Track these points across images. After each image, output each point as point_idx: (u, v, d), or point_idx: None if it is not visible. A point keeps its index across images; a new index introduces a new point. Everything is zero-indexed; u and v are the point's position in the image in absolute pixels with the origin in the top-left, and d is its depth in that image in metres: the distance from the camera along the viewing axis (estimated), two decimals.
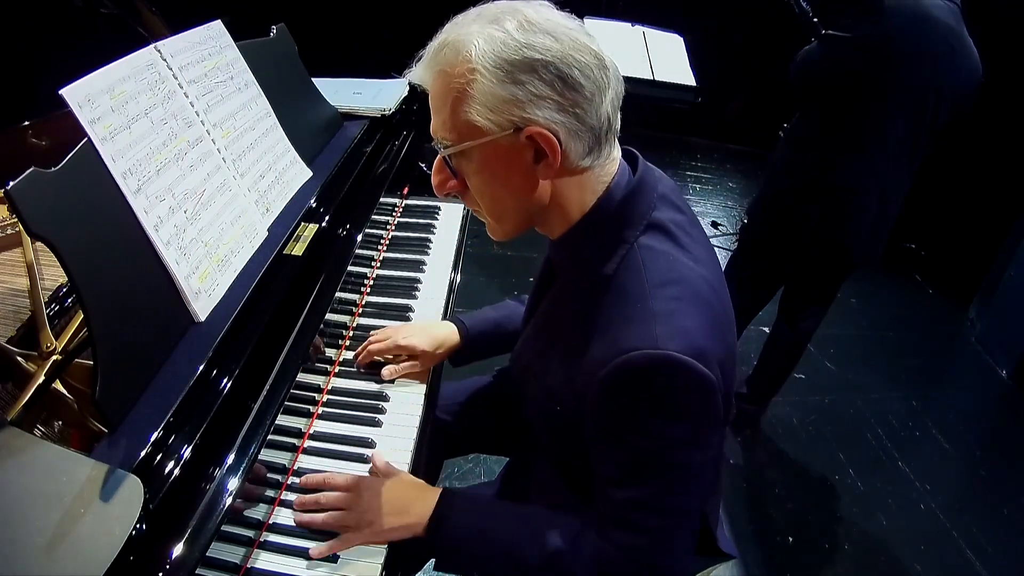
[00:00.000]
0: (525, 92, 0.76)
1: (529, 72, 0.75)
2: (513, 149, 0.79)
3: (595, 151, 0.82)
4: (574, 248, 0.88)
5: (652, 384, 0.78)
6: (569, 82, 0.76)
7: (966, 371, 3.04)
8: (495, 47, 0.76)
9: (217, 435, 0.85)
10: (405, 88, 1.77)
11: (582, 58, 0.76)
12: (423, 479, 1.03)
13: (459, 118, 0.79)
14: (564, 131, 0.78)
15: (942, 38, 1.72)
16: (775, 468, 2.32)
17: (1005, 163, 3.40)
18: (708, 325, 0.81)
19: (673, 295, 0.81)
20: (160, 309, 0.94)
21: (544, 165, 0.80)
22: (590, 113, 0.78)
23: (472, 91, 0.77)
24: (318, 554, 0.91)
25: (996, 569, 2.04)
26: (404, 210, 1.72)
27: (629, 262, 0.84)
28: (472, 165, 0.83)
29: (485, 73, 0.76)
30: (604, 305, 0.83)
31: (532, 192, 0.83)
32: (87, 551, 0.68)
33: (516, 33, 0.76)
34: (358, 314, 1.36)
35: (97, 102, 0.91)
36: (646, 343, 0.77)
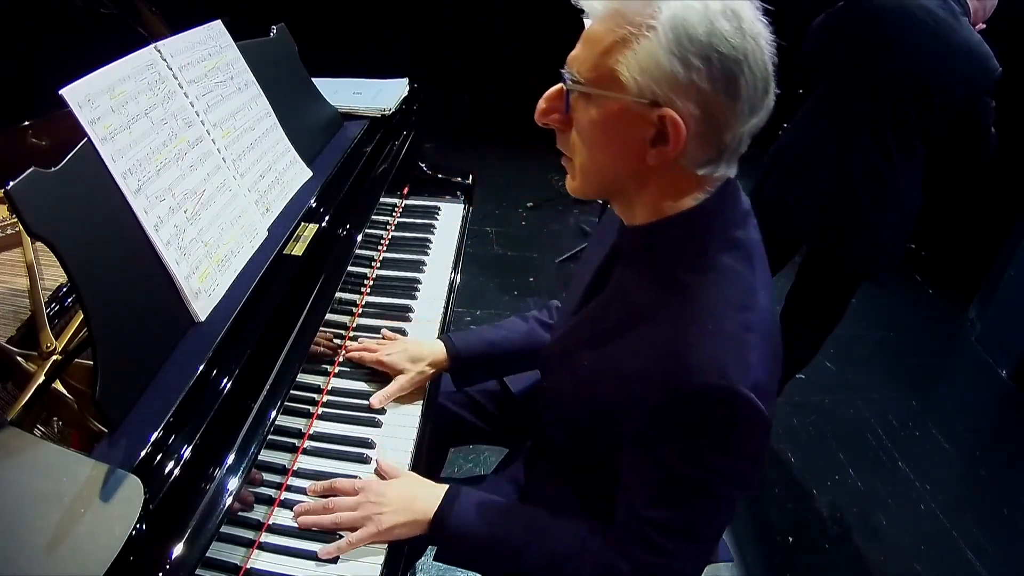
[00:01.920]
0: (686, 75, 0.70)
1: (702, 59, 0.70)
2: (638, 118, 0.74)
3: (711, 164, 0.77)
4: (653, 244, 0.83)
5: (715, 416, 0.76)
6: (732, 88, 0.71)
7: (966, 371, 3.04)
8: (687, 16, 0.70)
9: (217, 435, 0.85)
10: (405, 88, 1.77)
11: (756, 72, 0.72)
12: (424, 475, 1.03)
13: (607, 62, 0.73)
14: (696, 130, 0.73)
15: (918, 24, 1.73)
16: (775, 468, 2.32)
17: (1005, 163, 3.39)
18: (770, 360, 0.80)
19: (746, 324, 0.78)
20: (160, 309, 0.94)
21: (658, 151, 0.75)
22: (730, 127, 0.74)
23: (637, 45, 0.71)
24: (326, 554, 0.91)
25: (996, 569, 2.04)
26: (404, 210, 1.72)
27: (708, 277, 0.80)
28: (589, 111, 0.77)
29: (661, 36, 0.70)
30: (674, 315, 0.80)
31: (632, 168, 0.78)
32: (87, 551, 0.68)
33: (715, 15, 0.70)
34: (358, 314, 1.36)
35: (97, 102, 0.91)
36: (716, 373, 0.74)
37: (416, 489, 0.98)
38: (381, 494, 0.96)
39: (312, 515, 0.95)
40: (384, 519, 0.93)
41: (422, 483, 1.00)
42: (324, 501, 0.96)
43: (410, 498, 0.96)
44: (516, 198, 3.69)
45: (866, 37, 1.78)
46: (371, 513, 0.93)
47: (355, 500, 0.95)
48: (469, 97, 4.61)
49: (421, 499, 0.96)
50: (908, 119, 1.79)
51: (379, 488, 0.97)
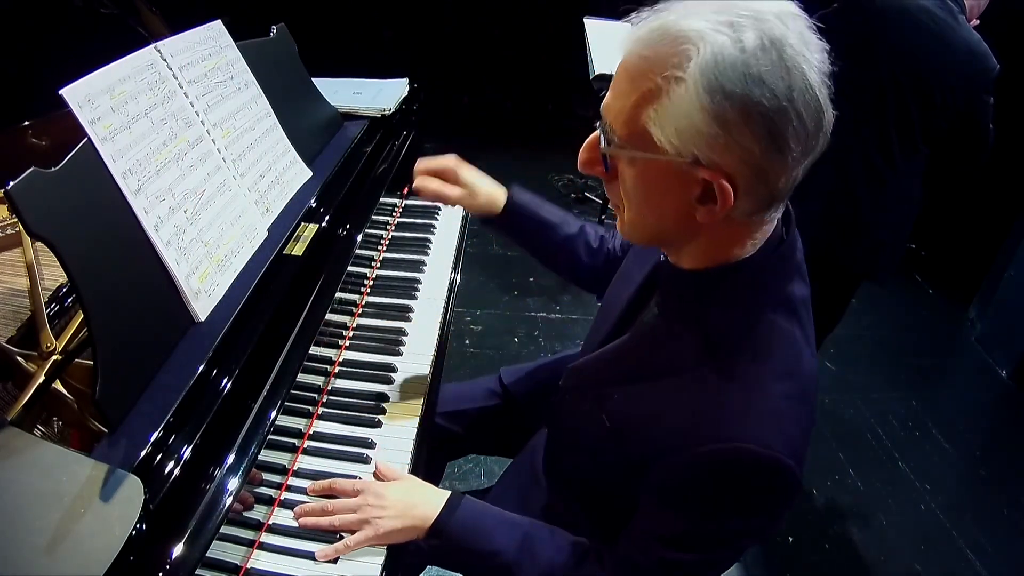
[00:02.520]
0: (726, 135, 0.64)
1: (742, 114, 0.63)
2: (681, 177, 0.68)
3: (764, 211, 0.72)
4: (699, 293, 0.78)
5: (750, 481, 0.74)
6: (779, 142, 0.64)
7: (966, 371, 3.04)
8: (719, 66, 0.62)
9: (217, 435, 0.85)
10: (405, 88, 1.77)
11: (804, 114, 0.64)
12: (424, 479, 1.03)
13: (638, 118, 0.67)
14: (744, 186, 0.67)
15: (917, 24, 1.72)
16: None
17: (1005, 163, 3.39)
18: (808, 427, 0.78)
19: (790, 392, 0.75)
20: (160, 309, 0.94)
21: (706, 209, 0.69)
22: (780, 176, 0.67)
23: (667, 100, 0.65)
24: (324, 556, 0.91)
25: (996, 569, 2.04)
26: (404, 210, 1.72)
27: (756, 338, 0.76)
28: (629, 170, 0.72)
29: (692, 90, 0.63)
30: (720, 370, 0.76)
31: (681, 224, 0.73)
32: (87, 551, 0.68)
33: (751, 56, 0.62)
34: (358, 314, 1.36)
35: (97, 102, 0.91)
36: (761, 441, 0.72)
37: (416, 494, 0.97)
38: (381, 497, 0.95)
39: (312, 516, 0.94)
40: (383, 523, 0.93)
41: (423, 488, 0.99)
42: (324, 503, 0.96)
43: (410, 503, 0.95)
44: None
45: (865, 38, 1.77)
46: (370, 516, 0.93)
47: (355, 502, 0.95)
48: (469, 97, 4.62)
49: (421, 505, 0.95)
50: (911, 120, 1.79)
51: (379, 491, 0.96)
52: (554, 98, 4.62)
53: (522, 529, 0.95)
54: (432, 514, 0.94)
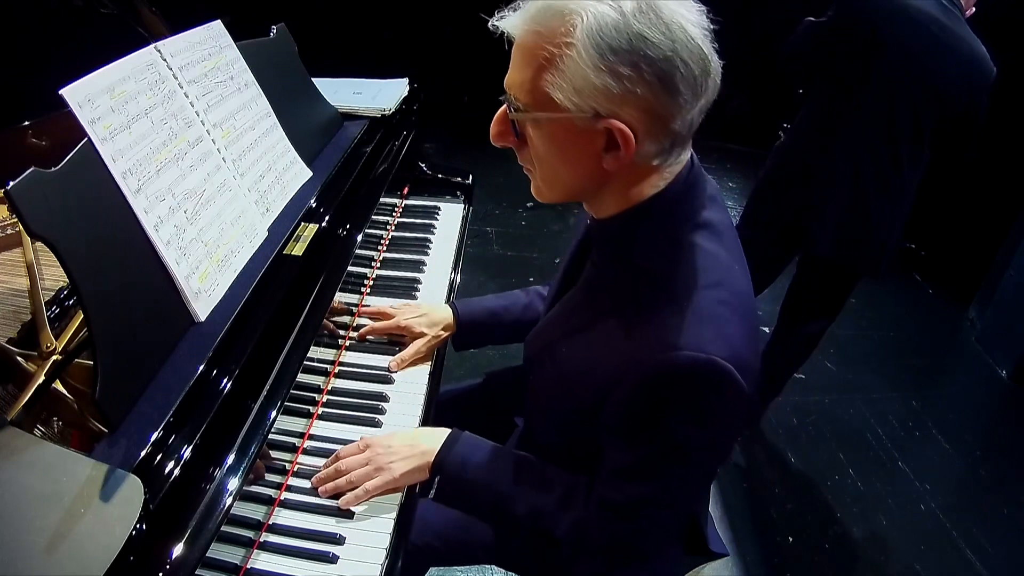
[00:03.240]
0: (620, 86, 0.70)
1: (631, 66, 0.70)
2: (585, 132, 0.75)
3: (668, 153, 0.78)
4: (622, 234, 0.85)
5: (692, 387, 0.77)
6: (669, 86, 0.71)
7: (966, 371, 3.04)
8: (603, 29, 0.69)
9: (217, 435, 0.85)
10: (405, 88, 1.77)
11: (690, 61, 0.71)
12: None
13: (539, 86, 0.74)
14: (644, 130, 0.74)
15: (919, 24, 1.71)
16: (775, 468, 2.32)
17: (1005, 163, 3.40)
18: (748, 334, 0.81)
19: (721, 299, 0.79)
20: (160, 309, 0.94)
21: (612, 156, 0.76)
22: (676, 118, 0.74)
23: (563, 65, 0.72)
24: (346, 504, 0.97)
25: (996, 569, 2.04)
26: (404, 210, 1.72)
27: (679, 258, 0.81)
28: (537, 133, 0.79)
29: (583, 53, 0.70)
30: (648, 298, 0.81)
31: (591, 174, 0.80)
32: (87, 551, 0.68)
33: (631, 17, 0.69)
34: (358, 314, 1.36)
35: (97, 102, 0.91)
36: (692, 345, 0.75)
37: (419, 435, 1.04)
38: (387, 445, 1.01)
39: (329, 481, 0.99)
40: (395, 466, 0.99)
41: (424, 430, 1.07)
42: (335, 465, 1.01)
43: (415, 444, 1.01)
44: (516, 198, 3.69)
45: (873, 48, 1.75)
46: (382, 463, 0.99)
47: (365, 456, 1.00)
48: (469, 97, 4.62)
49: (425, 442, 1.01)
50: (922, 129, 1.80)
51: (384, 441, 1.02)
52: None
53: (517, 460, 1.00)
54: (435, 449, 0.99)
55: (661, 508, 0.86)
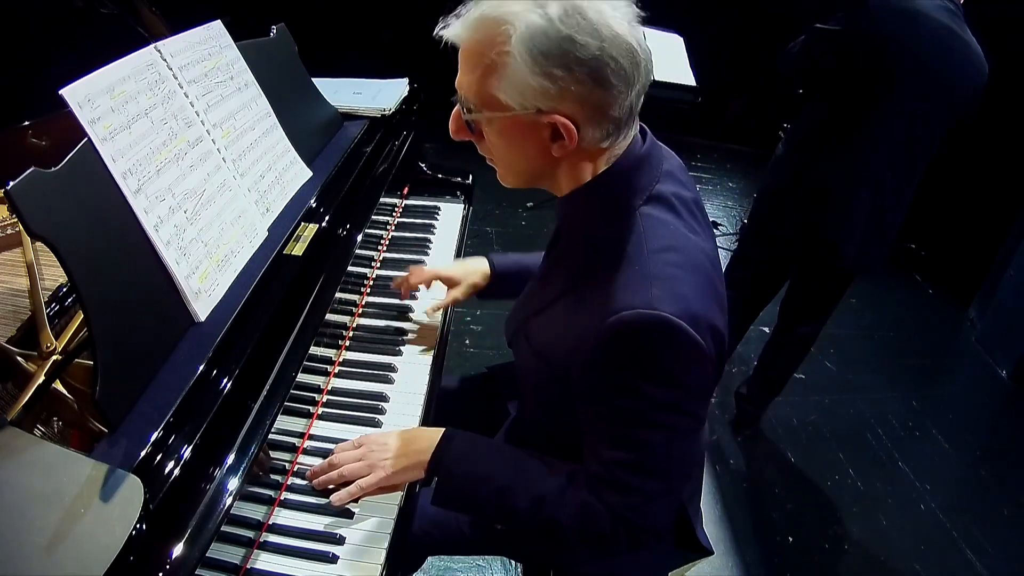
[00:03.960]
0: (556, 86, 0.77)
1: (563, 67, 0.76)
2: (532, 126, 0.81)
3: (613, 136, 0.84)
4: (578, 209, 0.91)
5: (642, 344, 0.80)
6: (601, 81, 0.77)
7: (966, 371, 3.04)
8: (534, 35, 0.75)
9: (217, 435, 0.85)
10: (405, 88, 1.77)
11: (619, 56, 0.76)
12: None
13: (485, 88, 0.81)
14: (585, 120, 0.80)
15: (936, 36, 1.70)
16: (775, 468, 2.32)
17: (1005, 163, 3.40)
18: (702, 293, 0.84)
19: (671, 261, 0.83)
20: (160, 309, 0.94)
21: (559, 145, 0.82)
22: (614, 107, 0.80)
23: (503, 71, 0.78)
24: (339, 500, 0.97)
25: (996, 569, 2.04)
26: (404, 210, 1.72)
27: (630, 227, 0.86)
28: (490, 129, 0.86)
29: (519, 59, 0.76)
30: (602, 267, 0.85)
31: (544, 161, 0.86)
32: (87, 551, 0.68)
33: (559, 22, 0.75)
34: (358, 314, 1.36)
35: (97, 102, 0.91)
36: (640, 303, 0.79)
37: (415, 434, 1.04)
38: (383, 443, 1.01)
39: (322, 475, 1.00)
40: (390, 464, 0.99)
41: (419, 429, 1.08)
42: (329, 459, 1.01)
43: (410, 443, 1.01)
44: (516, 198, 3.68)
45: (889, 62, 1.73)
46: (376, 460, 0.99)
47: (359, 452, 1.01)
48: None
49: (421, 441, 1.01)
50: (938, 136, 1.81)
51: (380, 438, 1.02)
52: None
53: (515, 454, 1.00)
54: (432, 445, 0.99)
55: (645, 476, 0.88)
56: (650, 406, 0.83)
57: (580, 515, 0.91)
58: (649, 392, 0.82)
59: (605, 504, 0.89)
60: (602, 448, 0.89)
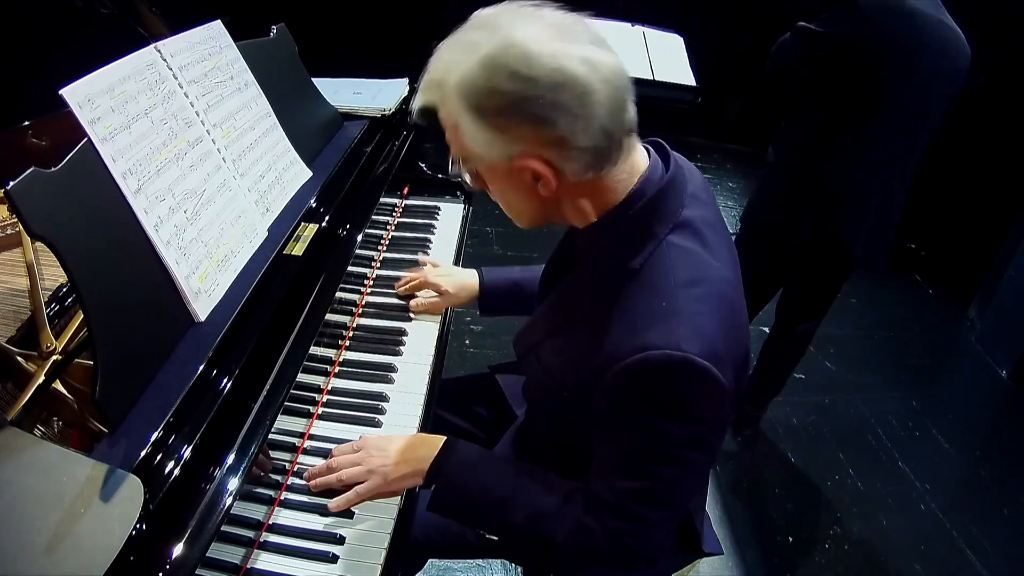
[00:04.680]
0: (507, 136, 0.76)
1: (502, 116, 0.75)
2: (511, 172, 0.81)
3: (597, 165, 0.80)
4: (601, 239, 0.88)
5: (668, 384, 0.78)
6: (546, 121, 0.74)
7: (966, 371, 3.04)
8: (466, 90, 0.75)
9: (217, 435, 0.85)
10: (405, 88, 1.77)
11: (557, 95, 0.73)
12: None
13: (460, 143, 0.81)
14: (555, 157, 0.77)
15: (927, 30, 1.70)
16: (775, 468, 2.32)
17: (1005, 163, 3.40)
18: (727, 328, 0.82)
19: (697, 295, 0.81)
20: (160, 309, 0.94)
21: (542, 185, 0.81)
22: (579, 138, 0.76)
23: (462, 130, 0.79)
24: (336, 506, 0.96)
25: (996, 569, 2.04)
26: (404, 210, 1.72)
27: (656, 258, 0.83)
28: (485, 178, 0.86)
29: (465, 117, 0.77)
30: (628, 298, 0.83)
31: (539, 201, 0.84)
32: (87, 551, 0.68)
33: (482, 69, 0.73)
34: (358, 314, 1.36)
35: (97, 102, 0.91)
36: (668, 343, 0.77)
37: (416, 441, 1.02)
38: (383, 448, 0.99)
39: (320, 477, 0.98)
40: (389, 471, 0.97)
41: (420, 436, 1.05)
42: (327, 461, 1.00)
43: (411, 450, 0.99)
44: None
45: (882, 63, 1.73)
46: (376, 466, 0.97)
47: (358, 456, 0.99)
48: None
49: (421, 449, 0.99)
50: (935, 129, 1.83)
51: (380, 443, 1.01)
52: None
53: (515, 468, 0.99)
54: (432, 454, 0.98)
55: (652, 506, 0.87)
56: (668, 442, 0.82)
57: (576, 534, 0.90)
58: (669, 430, 0.81)
59: (604, 527, 0.88)
60: (612, 476, 0.87)
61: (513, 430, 1.24)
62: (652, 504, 0.87)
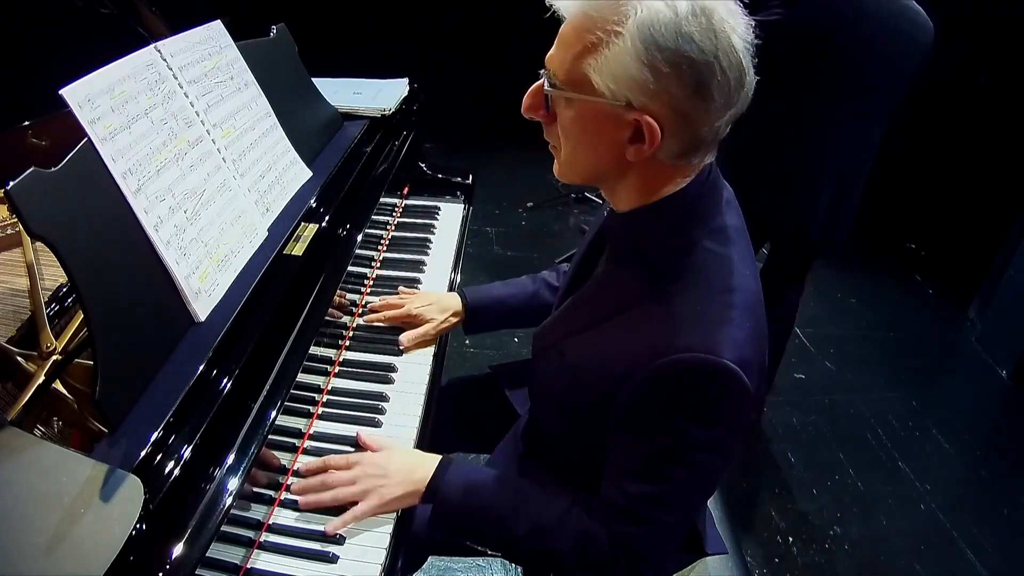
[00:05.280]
0: (656, 83, 0.72)
1: (672, 64, 0.71)
2: (614, 119, 0.76)
3: (689, 156, 0.79)
4: (638, 229, 0.86)
5: (700, 387, 0.78)
6: (703, 90, 0.73)
7: (966, 371, 3.03)
8: (654, 24, 0.70)
9: (217, 435, 0.85)
10: (405, 88, 1.77)
11: (728, 71, 0.72)
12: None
13: (579, 66, 0.76)
14: (670, 128, 0.75)
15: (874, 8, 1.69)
16: (775, 468, 2.32)
17: (1005, 163, 3.40)
18: (753, 337, 0.82)
19: (730, 302, 0.81)
20: (160, 309, 0.94)
21: (636, 148, 0.77)
22: (704, 123, 0.75)
23: (607, 51, 0.73)
24: (334, 529, 0.93)
25: (996, 569, 2.03)
26: (404, 210, 1.72)
27: (693, 261, 0.83)
28: (568, 111, 0.80)
29: (629, 44, 0.71)
30: (663, 298, 0.82)
31: (612, 161, 0.81)
32: (87, 551, 0.68)
33: (683, 19, 0.70)
34: (358, 314, 1.36)
35: (97, 102, 0.91)
36: (704, 346, 0.77)
37: (412, 460, 1.01)
38: (380, 467, 0.98)
39: (312, 494, 0.96)
40: (385, 491, 0.95)
41: (416, 453, 1.04)
42: (321, 477, 0.98)
43: (407, 469, 0.98)
44: (516, 198, 3.68)
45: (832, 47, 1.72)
46: (372, 486, 0.96)
47: (352, 474, 0.97)
48: (469, 97, 4.62)
49: (418, 469, 0.98)
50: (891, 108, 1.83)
51: (376, 460, 0.99)
52: None
53: (512, 484, 0.98)
54: (429, 473, 0.97)
55: (665, 510, 0.86)
56: (690, 446, 0.82)
57: (579, 544, 0.90)
58: (692, 433, 0.81)
59: (612, 533, 0.88)
60: (628, 480, 0.86)
61: (516, 429, 1.24)
62: (665, 508, 0.86)
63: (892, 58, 1.74)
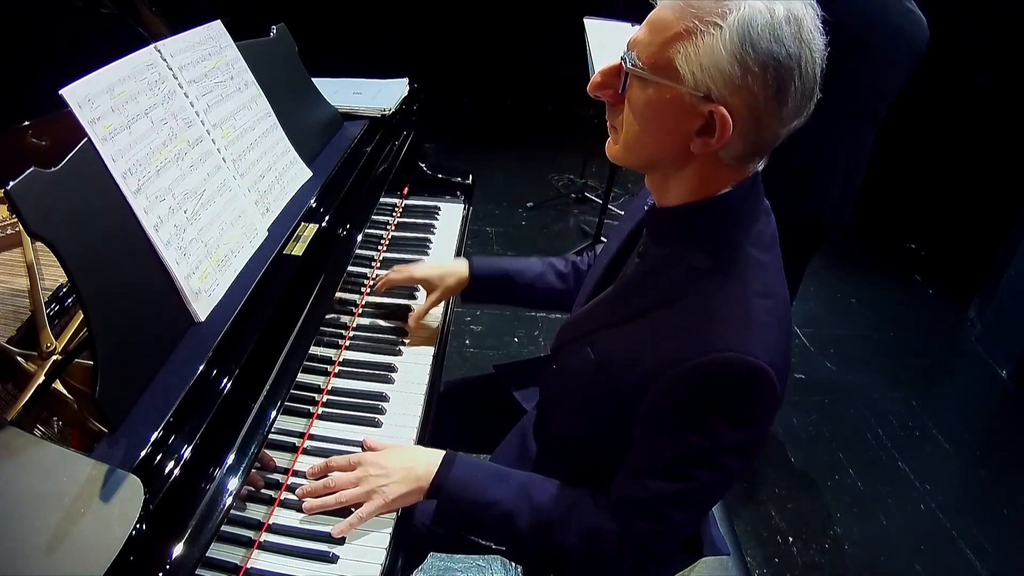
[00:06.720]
0: (743, 78, 0.73)
1: (760, 65, 0.73)
2: (688, 109, 0.77)
3: (748, 159, 0.81)
4: (682, 226, 0.86)
5: (735, 387, 0.79)
6: (781, 95, 0.74)
7: (966, 371, 3.04)
8: (753, 23, 0.72)
9: (217, 435, 0.85)
10: (405, 88, 1.77)
11: (805, 80, 0.74)
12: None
13: (666, 51, 0.76)
14: (741, 128, 0.76)
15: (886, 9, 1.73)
16: (775, 468, 2.32)
17: (1005, 163, 3.40)
18: (786, 345, 0.84)
19: (768, 308, 0.82)
20: (160, 309, 0.94)
21: (702, 141, 0.78)
22: (771, 127, 0.77)
23: (700, 40, 0.74)
24: (339, 532, 0.93)
25: (996, 569, 2.04)
26: (404, 210, 1.72)
27: (734, 264, 0.84)
28: (643, 94, 0.80)
29: (725, 37, 0.72)
30: (703, 297, 0.83)
31: (674, 151, 0.81)
32: (87, 551, 0.68)
33: (778, 22, 0.72)
34: (358, 314, 1.36)
35: (97, 102, 0.91)
36: (743, 348, 0.78)
37: (414, 457, 1.01)
38: (383, 466, 0.98)
39: (315, 498, 0.96)
40: (389, 490, 0.95)
41: (418, 450, 1.03)
42: (324, 480, 0.98)
43: (410, 467, 0.98)
44: (516, 198, 3.69)
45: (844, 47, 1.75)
46: (376, 487, 0.96)
47: (355, 475, 0.97)
48: (469, 97, 4.62)
49: (420, 466, 0.98)
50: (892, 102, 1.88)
51: (378, 460, 0.99)
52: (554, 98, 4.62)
53: (517, 478, 0.98)
54: (432, 472, 0.97)
55: (682, 509, 0.87)
56: (719, 448, 0.82)
57: (586, 540, 0.90)
58: (723, 434, 0.81)
59: (623, 527, 0.88)
60: (649, 477, 0.87)
61: (521, 426, 1.23)
62: (683, 508, 0.87)
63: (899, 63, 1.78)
